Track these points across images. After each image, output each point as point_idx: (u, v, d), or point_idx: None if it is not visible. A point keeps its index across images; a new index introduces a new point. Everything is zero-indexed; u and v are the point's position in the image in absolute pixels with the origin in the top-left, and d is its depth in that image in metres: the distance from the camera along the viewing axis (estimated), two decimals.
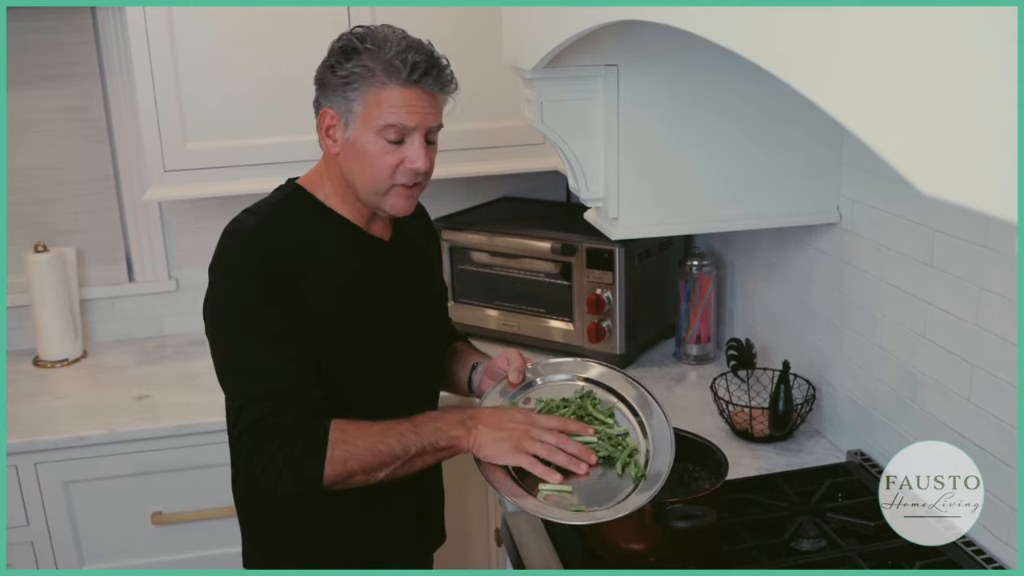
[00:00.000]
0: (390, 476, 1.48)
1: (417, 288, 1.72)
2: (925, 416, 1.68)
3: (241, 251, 1.52)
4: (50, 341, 2.57)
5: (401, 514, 1.70)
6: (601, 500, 1.45)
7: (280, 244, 1.52)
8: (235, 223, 1.57)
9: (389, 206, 1.57)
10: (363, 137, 1.51)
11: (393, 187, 1.54)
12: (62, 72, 2.57)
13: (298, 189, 1.62)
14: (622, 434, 1.56)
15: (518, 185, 2.87)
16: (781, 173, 1.92)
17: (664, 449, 1.52)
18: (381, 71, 1.48)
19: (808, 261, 2.05)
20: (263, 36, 2.31)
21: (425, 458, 1.50)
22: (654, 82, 1.83)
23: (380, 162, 1.52)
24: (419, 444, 1.48)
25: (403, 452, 1.47)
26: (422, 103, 1.51)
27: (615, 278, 2.32)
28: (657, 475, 1.47)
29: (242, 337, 1.50)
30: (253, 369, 1.48)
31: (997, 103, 0.57)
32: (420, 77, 1.49)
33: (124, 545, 2.29)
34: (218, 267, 1.53)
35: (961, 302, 1.57)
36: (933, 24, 0.63)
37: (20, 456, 2.17)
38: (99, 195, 2.67)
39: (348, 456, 1.45)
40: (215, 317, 1.53)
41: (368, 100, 1.50)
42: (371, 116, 1.50)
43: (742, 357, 2.12)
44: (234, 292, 1.50)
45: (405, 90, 1.49)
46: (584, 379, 1.69)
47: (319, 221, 1.59)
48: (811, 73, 0.78)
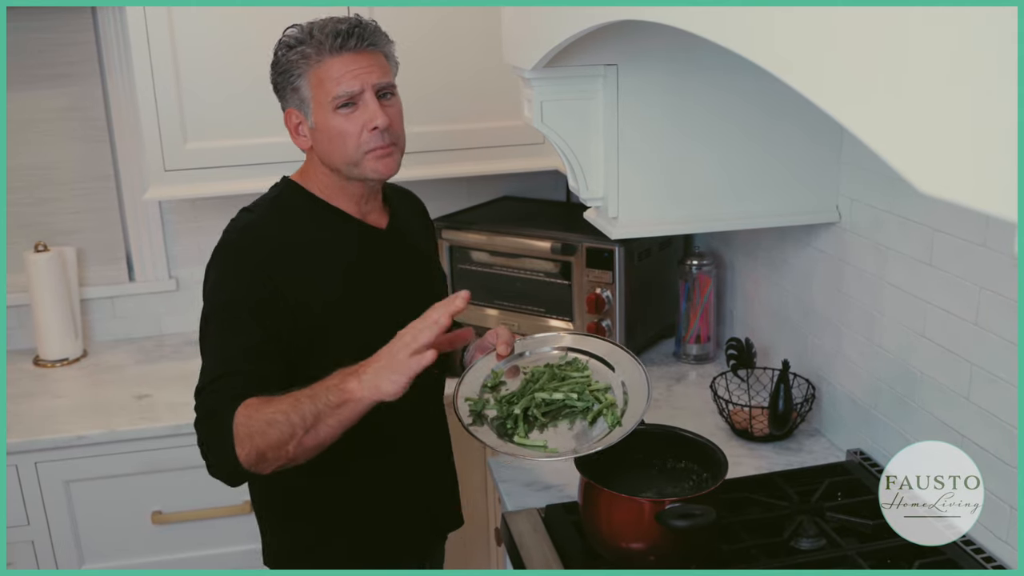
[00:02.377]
0: (301, 448, 1.43)
1: (415, 275, 1.74)
2: (925, 415, 1.69)
3: (232, 250, 1.57)
4: (50, 340, 2.57)
5: (414, 500, 1.74)
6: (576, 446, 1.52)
7: (278, 241, 1.57)
8: (233, 222, 1.61)
9: (371, 171, 1.59)
10: (322, 118, 1.57)
11: (366, 154, 1.58)
12: (62, 72, 2.57)
13: (293, 184, 1.66)
14: (603, 388, 1.59)
15: (518, 185, 2.87)
16: (780, 172, 1.92)
17: (639, 399, 1.56)
18: (312, 51, 1.55)
19: (808, 260, 2.05)
20: (263, 36, 2.28)
21: (328, 421, 1.42)
22: (654, 82, 1.83)
23: (344, 132, 1.56)
24: (315, 408, 1.42)
25: (300, 420, 1.41)
26: (358, 65, 1.55)
27: (615, 277, 2.33)
28: (631, 420, 1.52)
29: (205, 328, 1.55)
30: (203, 361, 1.54)
31: (997, 102, 0.57)
32: (345, 41, 1.54)
33: (124, 544, 2.29)
34: (210, 262, 1.59)
35: (961, 301, 1.57)
36: (932, 23, 0.63)
37: (20, 455, 2.18)
38: (99, 194, 2.67)
39: (252, 433, 1.42)
40: (203, 310, 1.58)
41: (312, 82, 1.56)
42: (320, 96, 1.56)
43: (742, 356, 2.12)
44: (215, 286, 1.56)
45: (337, 58, 1.55)
46: (568, 348, 1.70)
47: (316, 214, 1.63)
48: (810, 72, 0.78)
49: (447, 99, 2.40)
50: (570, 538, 1.62)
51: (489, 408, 1.59)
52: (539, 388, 1.59)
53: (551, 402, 1.57)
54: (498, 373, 1.64)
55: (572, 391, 1.57)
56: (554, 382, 1.60)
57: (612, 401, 1.57)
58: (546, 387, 1.59)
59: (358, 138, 1.56)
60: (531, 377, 1.62)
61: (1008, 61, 0.56)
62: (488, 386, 1.62)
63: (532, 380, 1.61)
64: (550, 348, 1.71)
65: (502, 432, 1.55)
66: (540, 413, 1.56)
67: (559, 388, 1.58)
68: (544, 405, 1.57)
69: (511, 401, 1.58)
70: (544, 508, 1.73)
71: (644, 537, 1.48)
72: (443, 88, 2.38)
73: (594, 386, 1.59)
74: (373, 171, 1.60)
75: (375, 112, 1.55)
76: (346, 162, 1.59)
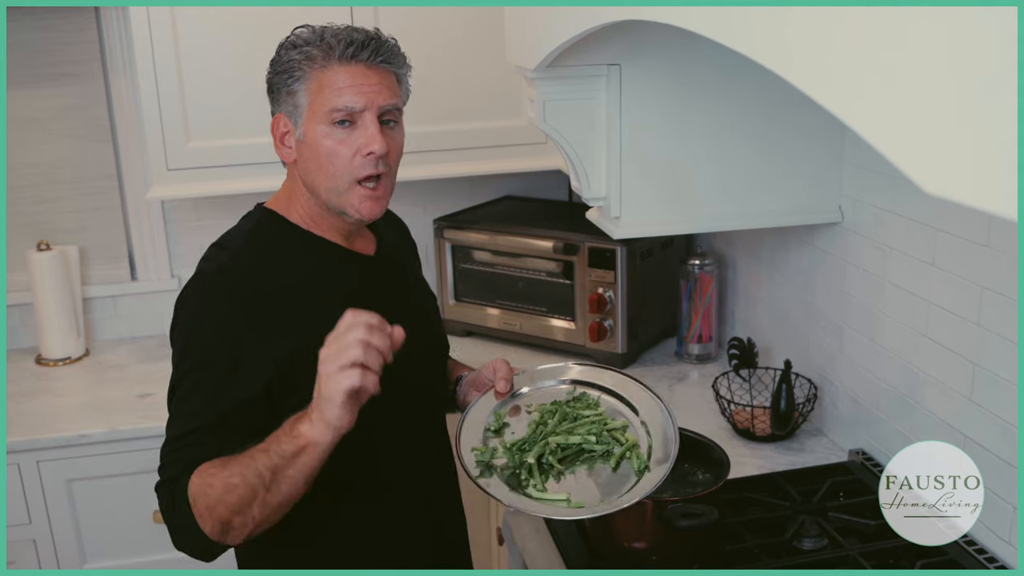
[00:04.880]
0: (266, 510, 1.28)
1: (410, 301, 1.62)
2: (927, 415, 1.69)
3: (207, 296, 1.40)
4: (52, 339, 2.57)
5: (419, 550, 1.58)
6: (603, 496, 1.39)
7: (253, 282, 1.41)
8: (206, 262, 1.45)
9: (353, 208, 1.43)
10: (313, 130, 1.40)
11: (353, 185, 1.41)
12: (65, 71, 2.57)
13: (269, 214, 1.50)
14: (622, 427, 1.49)
15: (520, 184, 2.87)
16: (783, 172, 1.92)
17: (666, 440, 1.45)
18: (319, 54, 1.39)
19: (810, 260, 2.05)
20: (266, 35, 2.28)
21: (287, 473, 1.25)
22: (656, 81, 1.83)
23: (334, 152, 1.39)
24: (269, 461, 1.26)
25: (257, 478, 1.26)
26: (367, 80, 1.39)
27: (617, 277, 2.33)
28: (660, 463, 1.40)
29: (174, 383, 1.40)
30: (168, 421, 1.39)
31: (998, 101, 0.57)
32: (359, 51, 1.39)
33: (126, 543, 2.29)
34: (180, 302, 1.43)
35: (963, 301, 1.57)
36: (934, 23, 0.63)
37: (22, 454, 2.18)
38: (102, 194, 2.67)
39: (211, 504, 1.27)
40: (173, 358, 1.42)
41: (311, 87, 1.40)
42: (316, 104, 1.39)
43: (744, 356, 2.12)
44: (186, 338, 1.40)
45: (345, 67, 1.39)
46: (573, 381, 1.60)
47: (296, 246, 1.47)
48: (813, 71, 0.78)
49: (449, 98, 2.40)
50: (572, 538, 1.62)
51: (498, 457, 1.45)
52: (551, 431, 1.46)
53: (567, 447, 1.44)
54: (500, 415, 1.53)
55: (590, 433, 1.45)
56: (566, 423, 1.48)
57: (635, 442, 1.45)
58: (559, 430, 1.47)
59: (349, 162, 1.39)
60: (540, 419, 1.50)
61: (1008, 60, 0.56)
62: (492, 430, 1.50)
63: (541, 422, 1.49)
64: (555, 382, 1.59)
65: (514, 484, 1.41)
66: (555, 460, 1.43)
67: (574, 430, 1.46)
68: (560, 451, 1.44)
69: (523, 448, 1.45)
70: None
71: (646, 537, 1.49)
72: (445, 87, 2.37)
73: (611, 424, 1.48)
74: (355, 211, 1.43)
75: (374, 136, 1.38)
76: (329, 188, 1.42)
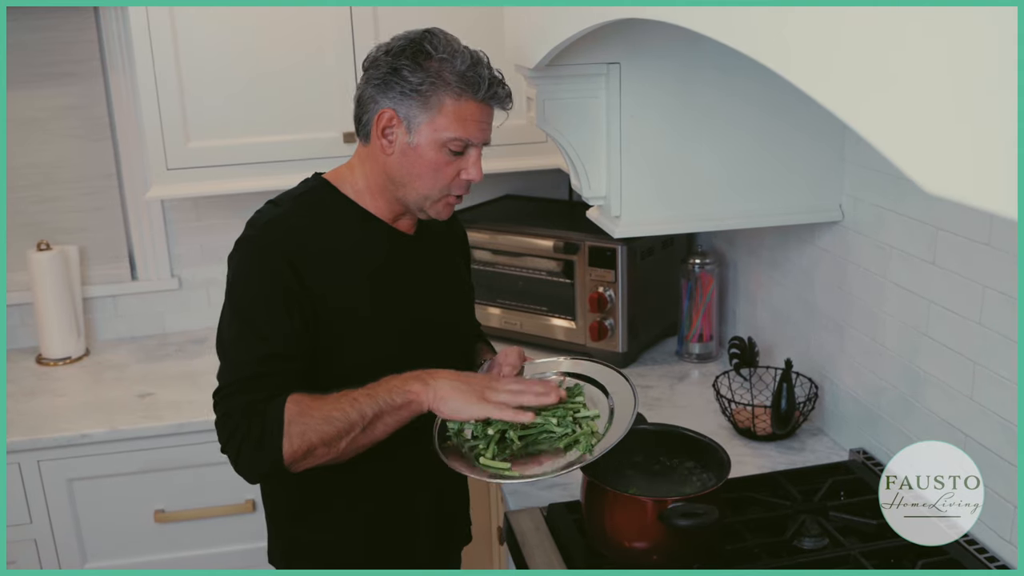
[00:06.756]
0: (352, 446, 1.46)
1: (442, 283, 1.71)
2: (927, 414, 1.68)
3: (256, 242, 1.53)
4: (53, 339, 2.57)
5: (422, 516, 1.69)
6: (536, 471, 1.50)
7: (299, 238, 1.53)
8: (257, 214, 1.57)
9: (435, 212, 1.59)
10: (426, 144, 1.52)
11: (445, 196, 1.57)
12: (65, 71, 2.57)
13: (324, 183, 1.62)
14: (593, 416, 1.55)
15: (520, 183, 2.87)
16: (783, 171, 1.92)
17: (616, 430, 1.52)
18: (456, 83, 1.50)
19: (810, 259, 2.05)
20: (265, 35, 2.31)
21: (385, 420, 1.46)
22: (656, 80, 1.83)
23: (440, 172, 1.54)
24: (375, 406, 1.45)
25: (359, 417, 1.44)
26: (485, 118, 1.55)
27: (617, 276, 2.32)
28: (601, 450, 1.48)
29: (230, 325, 1.52)
30: (231, 357, 1.50)
31: (998, 101, 0.57)
32: (493, 94, 1.53)
33: (127, 543, 2.29)
34: (233, 255, 1.55)
35: (964, 300, 1.56)
36: (934, 23, 0.62)
37: (23, 454, 2.18)
38: (102, 193, 2.67)
39: (305, 429, 1.43)
40: (224, 302, 1.55)
41: (444, 108, 1.50)
42: (439, 126, 1.51)
43: (744, 355, 2.12)
44: (238, 280, 1.53)
45: (479, 105, 1.52)
46: (572, 375, 1.68)
47: (343, 215, 1.59)
48: (813, 70, 0.78)
49: None
50: (573, 537, 1.62)
51: (468, 427, 1.56)
52: None
53: (529, 426, 1.52)
54: None
55: (553, 416, 1.53)
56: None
57: (593, 429, 1.53)
58: None
59: (449, 182, 1.55)
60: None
61: (1008, 60, 0.56)
62: None
63: None
64: (551, 374, 1.69)
65: (470, 456, 1.53)
66: (516, 437, 1.52)
67: (540, 413, 1.54)
68: (521, 429, 1.53)
69: (488, 423, 1.54)
70: (547, 507, 1.73)
71: (647, 536, 1.48)
72: None
73: (582, 413, 1.55)
74: (437, 213, 1.59)
75: (477, 169, 1.56)
76: (423, 195, 1.56)
